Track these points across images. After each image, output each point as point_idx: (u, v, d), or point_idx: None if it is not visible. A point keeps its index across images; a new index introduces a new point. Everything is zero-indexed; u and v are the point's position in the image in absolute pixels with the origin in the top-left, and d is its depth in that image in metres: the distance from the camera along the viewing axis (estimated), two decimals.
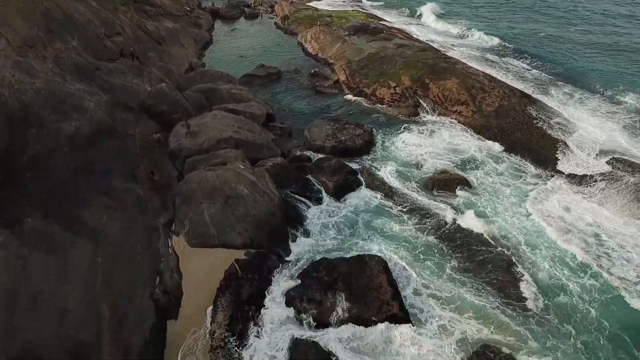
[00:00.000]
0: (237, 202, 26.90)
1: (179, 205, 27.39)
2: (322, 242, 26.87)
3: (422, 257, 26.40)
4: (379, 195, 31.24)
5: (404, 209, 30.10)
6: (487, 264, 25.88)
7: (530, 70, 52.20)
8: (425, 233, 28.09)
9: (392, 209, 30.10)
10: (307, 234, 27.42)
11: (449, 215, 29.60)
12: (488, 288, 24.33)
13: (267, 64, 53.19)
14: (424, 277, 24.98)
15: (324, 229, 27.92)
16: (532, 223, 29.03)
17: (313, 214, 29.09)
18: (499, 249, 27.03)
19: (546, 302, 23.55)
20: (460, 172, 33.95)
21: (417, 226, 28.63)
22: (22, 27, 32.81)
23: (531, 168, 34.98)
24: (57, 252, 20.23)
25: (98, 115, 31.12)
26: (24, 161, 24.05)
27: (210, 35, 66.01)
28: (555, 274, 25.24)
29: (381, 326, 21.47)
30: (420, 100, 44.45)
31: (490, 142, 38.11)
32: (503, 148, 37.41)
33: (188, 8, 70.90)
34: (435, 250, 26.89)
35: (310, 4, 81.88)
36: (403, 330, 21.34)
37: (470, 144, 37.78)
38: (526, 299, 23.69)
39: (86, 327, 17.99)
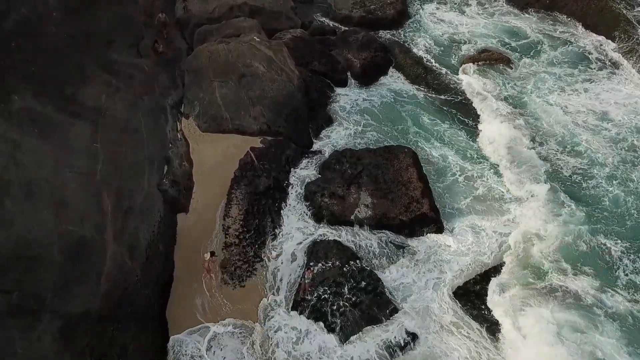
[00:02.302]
0: (252, 81, 23.93)
1: (189, 83, 24.55)
2: (343, 131, 24.19)
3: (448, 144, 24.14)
4: (411, 77, 27.80)
5: (440, 96, 26.95)
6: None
7: None
8: (453, 120, 25.49)
9: (426, 93, 26.97)
10: (329, 121, 24.67)
11: (477, 102, 26.64)
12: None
13: None
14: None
15: (348, 115, 25.07)
16: (570, 118, 25.64)
17: (336, 98, 26.01)
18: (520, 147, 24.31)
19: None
20: (502, 50, 29.96)
21: (448, 116, 25.87)
22: None
23: (585, 49, 30.52)
24: (51, 136, 18.08)
25: None
26: (8, 28, 20.90)
27: None
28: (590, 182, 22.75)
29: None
30: None
31: (538, 15, 33.20)
32: (553, 23, 32.62)
33: None
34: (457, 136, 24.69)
35: None
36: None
37: (516, 16, 32.93)
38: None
39: (87, 221, 16.43)
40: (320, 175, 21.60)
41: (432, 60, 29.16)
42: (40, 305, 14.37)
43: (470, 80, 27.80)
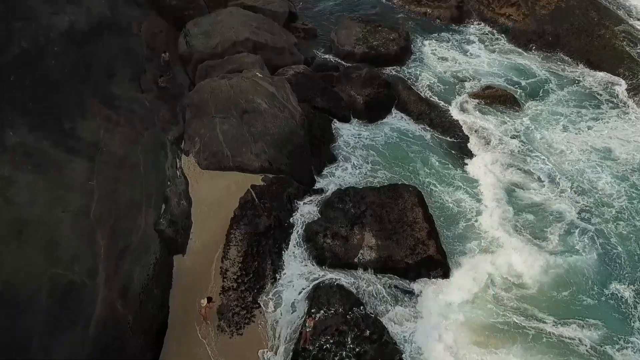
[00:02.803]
0: (254, 117, 23.51)
1: (190, 119, 24.10)
2: (350, 168, 23.69)
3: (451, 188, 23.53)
4: (415, 115, 27.50)
5: (446, 137, 26.58)
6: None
7: None
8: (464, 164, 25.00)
9: (432, 134, 26.64)
10: (332, 159, 24.17)
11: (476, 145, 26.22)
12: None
13: None
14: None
15: (353, 150, 24.64)
16: (577, 157, 25.24)
17: (340, 135, 25.59)
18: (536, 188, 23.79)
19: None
20: (507, 88, 29.89)
21: (459, 161, 25.39)
22: None
23: (592, 88, 30.36)
24: (46, 173, 17.42)
25: (97, 7, 26.95)
26: (7, 61, 20.55)
27: None
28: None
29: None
30: (464, 1, 38.71)
31: (541, 54, 33.35)
32: (557, 61, 32.71)
33: None
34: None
35: None
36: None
37: (519, 55, 33.14)
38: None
39: (78, 264, 15.61)
40: (322, 215, 20.93)
41: (436, 98, 28.91)
42: (24, 354, 13.45)
43: (466, 119, 27.45)
